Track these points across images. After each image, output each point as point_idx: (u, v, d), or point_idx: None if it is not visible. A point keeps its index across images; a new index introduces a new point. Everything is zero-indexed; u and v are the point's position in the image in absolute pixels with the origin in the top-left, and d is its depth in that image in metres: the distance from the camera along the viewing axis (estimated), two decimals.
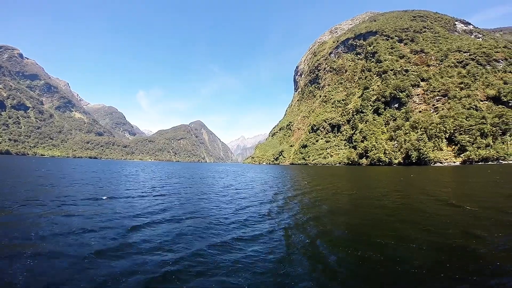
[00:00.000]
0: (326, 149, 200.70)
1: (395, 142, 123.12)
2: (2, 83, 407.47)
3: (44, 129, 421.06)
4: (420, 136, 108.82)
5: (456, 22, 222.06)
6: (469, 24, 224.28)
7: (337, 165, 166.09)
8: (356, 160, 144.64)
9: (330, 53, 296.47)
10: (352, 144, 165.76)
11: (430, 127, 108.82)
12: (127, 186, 26.50)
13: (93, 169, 59.29)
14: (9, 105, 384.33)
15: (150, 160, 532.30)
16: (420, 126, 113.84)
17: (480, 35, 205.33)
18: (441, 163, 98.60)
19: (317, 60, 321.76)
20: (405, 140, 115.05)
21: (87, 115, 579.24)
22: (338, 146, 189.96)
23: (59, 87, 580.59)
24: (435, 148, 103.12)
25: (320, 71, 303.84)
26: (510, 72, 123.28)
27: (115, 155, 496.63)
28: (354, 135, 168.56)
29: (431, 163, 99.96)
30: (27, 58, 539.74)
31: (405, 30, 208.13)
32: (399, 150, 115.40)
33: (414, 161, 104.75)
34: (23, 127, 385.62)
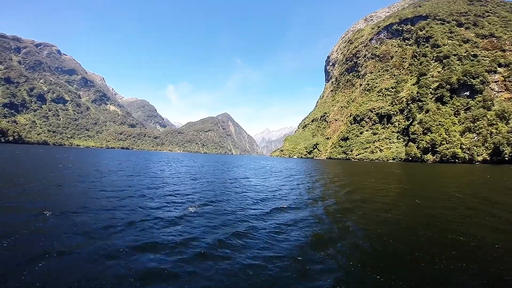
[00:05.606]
0: (374, 142, 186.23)
1: (475, 135, 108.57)
2: (43, 78, 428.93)
3: (81, 121, 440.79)
4: None
5: None
6: None
7: (390, 161, 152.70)
8: (419, 155, 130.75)
9: (371, 39, 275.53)
10: (409, 136, 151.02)
11: None
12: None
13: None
14: (49, 99, 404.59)
15: (179, 151, 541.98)
16: (511, 116, 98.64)
17: None
18: None
19: (355, 48, 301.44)
20: (491, 132, 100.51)
21: (121, 108, 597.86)
22: (390, 139, 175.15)
23: (95, 81, 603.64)
24: None
25: (359, 58, 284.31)
26: None
27: (146, 146, 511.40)
28: (411, 126, 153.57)
29: None
30: (65, 54, 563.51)
31: (464, 14, 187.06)
32: (483, 145, 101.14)
33: (506, 158, 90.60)
34: (61, 119, 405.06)
